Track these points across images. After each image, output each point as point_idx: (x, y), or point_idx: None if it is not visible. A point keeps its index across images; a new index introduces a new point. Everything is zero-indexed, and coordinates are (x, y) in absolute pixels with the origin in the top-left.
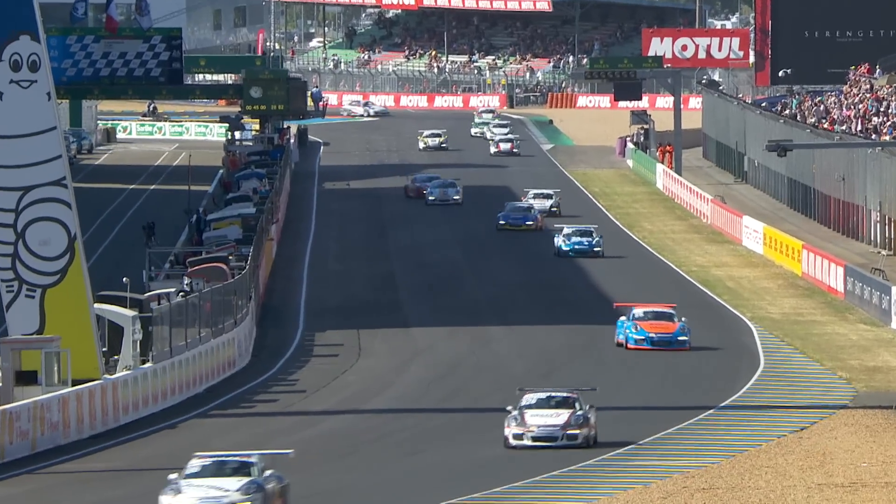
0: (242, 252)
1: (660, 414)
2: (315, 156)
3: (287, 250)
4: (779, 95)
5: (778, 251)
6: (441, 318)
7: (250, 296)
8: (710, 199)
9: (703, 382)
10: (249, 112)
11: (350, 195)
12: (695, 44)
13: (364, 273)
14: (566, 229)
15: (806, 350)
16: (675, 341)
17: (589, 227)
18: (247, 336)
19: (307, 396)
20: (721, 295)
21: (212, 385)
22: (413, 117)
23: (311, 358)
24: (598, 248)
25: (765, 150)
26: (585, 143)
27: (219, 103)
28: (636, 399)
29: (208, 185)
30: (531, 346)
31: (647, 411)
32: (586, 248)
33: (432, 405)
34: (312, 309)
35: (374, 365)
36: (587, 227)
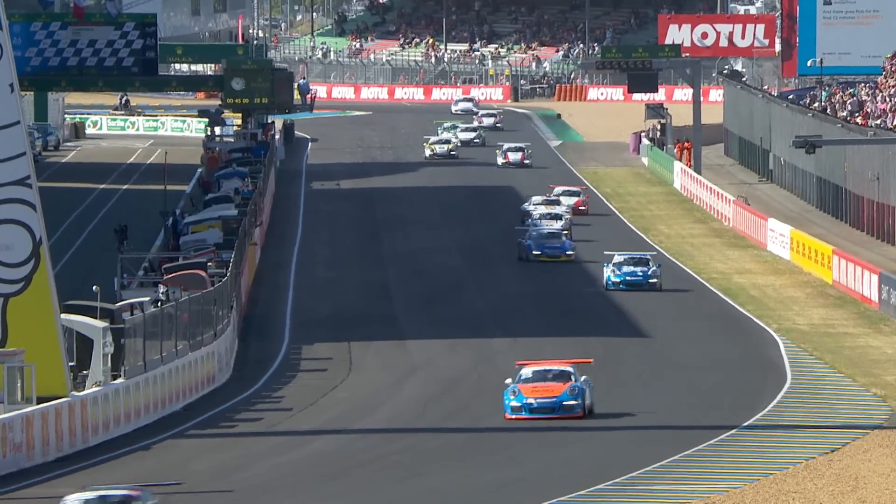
0: (223, 258)
1: (678, 434)
2: (302, 153)
3: (272, 256)
4: (807, 87)
5: (806, 257)
6: (440, 330)
7: (232, 305)
8: (732, 200)
9: (724, 400)
10: (231, 105)
11: (340, 196)
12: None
13: (356, 281)
14: (617, 257)
15: (837, 365)
16: (559, 407)
17: (645, 255)
18: (228, 349)
19: (293, 415)
20: (744, 304)
21: (190, 402)
22: (409, 111)
23: (298, 373)
24: (654, 280)
25: (792, 147)
26: (596, 140)
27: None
28: (653, 418)
29: (186, 185)
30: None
31: (664, 431)
32: (640, 279)
33: (430, 425)
34: (299, 320)
35: (367, 381)
36: (642, 255)
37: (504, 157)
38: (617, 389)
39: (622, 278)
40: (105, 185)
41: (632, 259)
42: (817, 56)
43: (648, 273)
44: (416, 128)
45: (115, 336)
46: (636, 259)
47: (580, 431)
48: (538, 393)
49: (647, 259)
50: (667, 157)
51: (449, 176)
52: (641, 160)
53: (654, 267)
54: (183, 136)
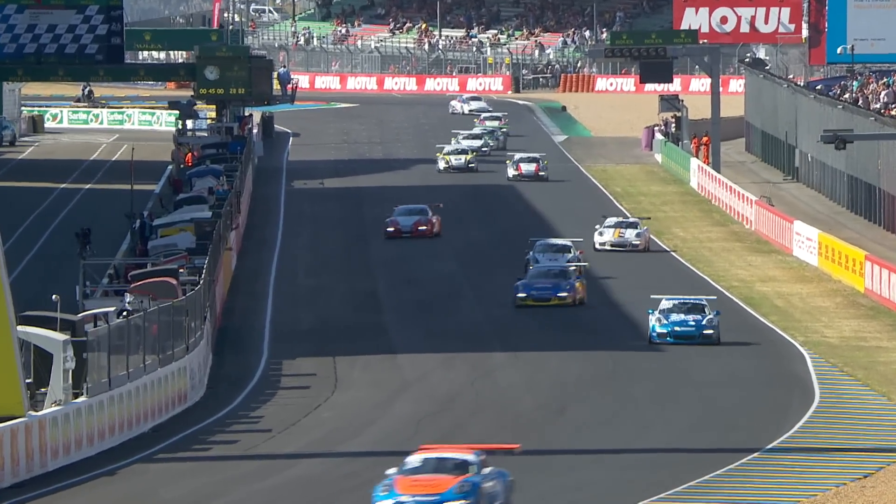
0: (196, 264)
1: (696, 457)
2: (283, 149)
3: (249, 262)
4: (837, 76)
5: (836, 263)
6: (434, 343)
7: (205, 316)
8: (754, 201)
9: (746, 420)
10: (204, 97)
11: (325, 196)
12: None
13: (341, 289)
14: (664, 302)
15: (870, 381)
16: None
17: (700, 300)
18: (201, 364)
19: (273, 436)
20: (768, 315)
21: (159, 423)
22: (400, 103)
23: (278, 391)
24: (710, 331)
25: (820, 142)
26: (605, 135)
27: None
28: (669, 439)
29: (155, 184)
30: (542, 377)
31: (681, 454)
32: (693, 331)
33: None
34: (279, 332)
35: (354, 399)
36: (697, 301)
37: (516, 168)
38: (627, 408)
39: (669, 328)
40: (66, 185)
41: (684, 305)
42: (848, 42)
43: (703, 322)
44: (408, 122)
45: (77, 350)
46: (690, 305)
47: (587, 455)
48: (417, 489)
49: (703, 305)
50: (682, 154)
51: (444, 173)
52: (655, 157)
53: (710, 315)
54: (151, 131)
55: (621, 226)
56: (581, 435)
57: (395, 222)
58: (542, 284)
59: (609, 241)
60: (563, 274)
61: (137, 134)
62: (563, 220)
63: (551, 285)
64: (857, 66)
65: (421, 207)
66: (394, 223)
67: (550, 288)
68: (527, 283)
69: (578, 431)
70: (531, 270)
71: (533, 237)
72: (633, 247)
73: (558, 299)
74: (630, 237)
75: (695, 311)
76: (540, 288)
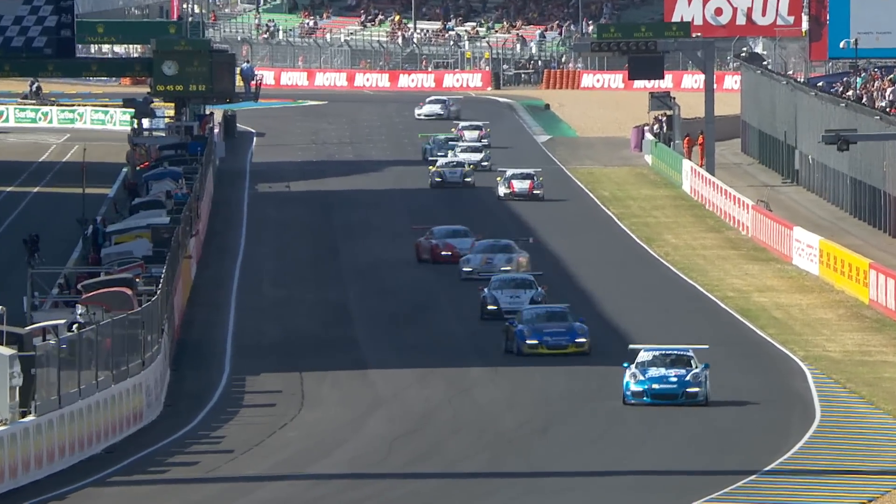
0: (153, 273)
1: (689, 480)
2: (246, 150)
3: (210, 271)
4: (840, 73)
5: (838, 272)
6: (408, 357)
7: (163, 329)
8: (751, 206)
9: (743, 440)
10: (161, 94)
11: (291, 200)
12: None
13: (309, 300)
14: (643, 354)
15: (874, 399)
16: None
17: (686, 351)
18: (158, 381)
19: (235, 458)
20: (765, 328)
21: (113, 443)
22: (371, 101)
23: (241, 409)
24: (695, 389)
25: (821, 143)
26: (592, 135)
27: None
28: (659, 461)
29: (108, 188)
30: (524, 394)
31: (672, 477)
32: (674, 389)
33: (397, 469)
34: (242, 346)
35: (322, 418)
36: (682, 352)
37: (507, 186)
38: (616, 428)
39: (646, 386)
40: (12, 188)
41: (665, 357)
42: (851, 36)
43: (687, 378)
44: (380, 121)
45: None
46: (674, 356)
47: (572, 477)
48: None
49: (689, 357)
50: (674, 155)
51: (418, 176)
52: (644, 158)
53: (696, 369)
54: (105, 130)
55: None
56: (566, 456)
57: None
58: (555, 329)
59: None
60: (565, 316)
61: (89, 134)
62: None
63: (565, 330)
64: (861, 61)
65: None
66: None
67: (566, 333)
68: (534, 328)
69: (563, 452)
70: (494, 280)
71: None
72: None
73: (576, 347)
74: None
75: (678, 365)
76: (554, 334)
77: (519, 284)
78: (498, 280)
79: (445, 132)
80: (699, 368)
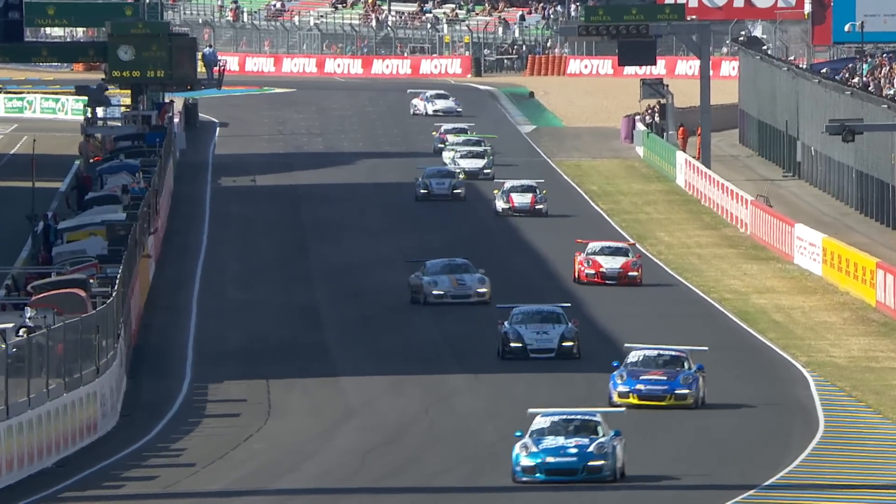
0: (108, 273)
1: (683, 495)
2: (208, 141)
3: (170, 271)
4: (845, 58)
5: (843, 272)
6: (382, 364)
7: (119, 334)
8: (749, 201)
9: (741, 452)
10: (117, 80)
11: (257, 195)
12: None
13: (276, 303)
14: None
15: (882, 408)
16: None
17: (593, 416)
18: (114, 389)
19: (197, 472)
20: (765, 332)
21: (65, 456)
22: (343, 88)
23: (203, 419)
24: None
25: (825, 134)
26: (579, 125)
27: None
28: (652, 468)
29: (60, 181)
30: (505, 403)
31: (666, 491)
32: (573, 462)
33: (371, 484)
34: (204, 352)
35: (290, 428)
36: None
37: (506, 199)
38: None
39: (539, 460)
40: None
41: (567, 423)
42: (857, 19)
43: (589, 450)
44: (352, 110)
45: None
46: (576, 423)
47: (557, 492)
48: None
49: (596, 423)
50: (667, 147)
51: (393, 170)
52: (636, 150)
53: (603, 437)
54: (56, 120)
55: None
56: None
57: None
58: (655, 377)
59: None
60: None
61: (39, 123)
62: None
63: (666, 377)
64: (868, 45)
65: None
66: None
67: (666, 382)
68: (630, 372)
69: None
70: (515, 312)
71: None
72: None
73: (676, 399)
74: None
75: (582, 432)
76: (653, 381)
77: (546, 318)
78: (520, 313)
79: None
80: (607, 437)
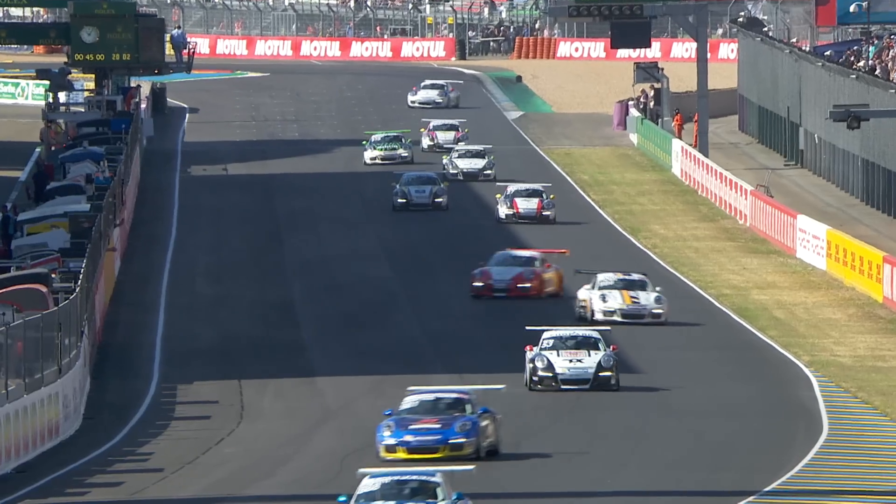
0: (71, 268)
1: (680, 502)
2: (177, 128)
3: (137, 266)
4: (850, 40)
5: (848, 266)
6: (361, 363)
7: (82, 331)
8: (749, 191)
9: (740, 457)
10: (80, 63)
11: (228, 185)
12: None
13: (249, 298)
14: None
15: (889, 410)
16: None
17: (432, 479)
18: (77, 390)
19: (166, 477)
20: (766, 329)
21: (25, 461)
22: (320, 72)
23: (172, 422)
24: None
25: (829, 120)
26: (569, 110)
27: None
28: (646, 481)
29: (20, 170)
30: (492, 405)
31: (661, 498)
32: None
33: (348, 491)
34: (173, 350)
35: (264, 431)
36: (427, 479)
37: (509, 205)
38: (598, 442)
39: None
40: None
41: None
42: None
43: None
44: (330, 95)
45: None
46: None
47: (547, 499)
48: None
49: (435, 485)
50: (663, 134)
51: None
52: (629, 138)
53: (469, 413)
54: (15, 105)
55: None
56: (540, 475)
57: (488, 275)
58: (426, 426)
59: None
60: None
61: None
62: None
63: (441, 424)
64: (875, 27)
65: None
66: (485, 276)
67: (439, 431)
68: (398, 421)
69: (536, 471)
70: (546, 337)
71: None
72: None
73: (452, 450)
74: None
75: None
76: (423, 432)
77: (581, 343)
78: (552, 338)
79: (400, 128)
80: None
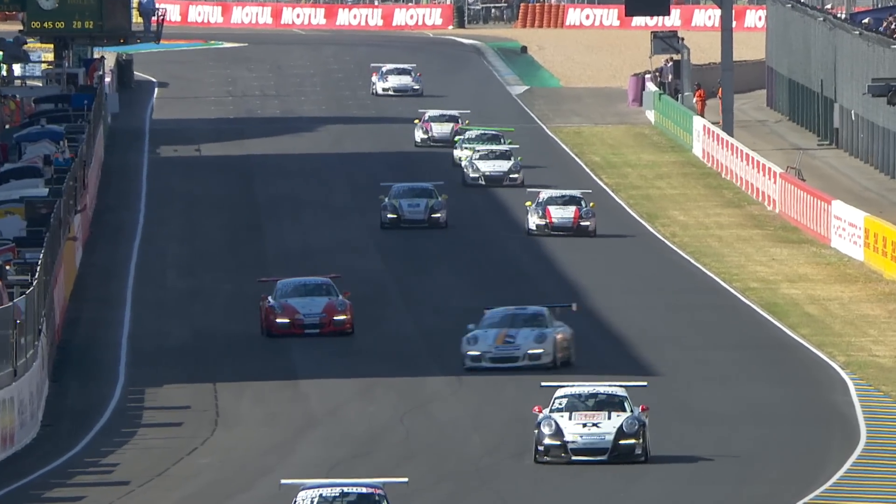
0: (27, 259)
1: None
2: (145, 104)
3: (100, 257)
4: (890, 6)
5: (889, 257)
6: (349, 365)
7: (40, 329)
8: (779, 174)
9: (768, 468)
10: (37, 32)
11: (202, 167)
12: None
13: (225, 293)
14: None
15: None
16: None
17: (616, 393)
18: (34, 394)
19: (132, 491)
20: (797, 327)
21: None
22: (303, 42)
23: (139, 429)
24: None
25: (867, 95)
26: (579, 85)
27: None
28: (665, 494)
29: None
30: (492, 409)
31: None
32: None
33: None
34: (141, 351)
35: (242, 440)
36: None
37: (542, 215)
38: None
39: None
40: None
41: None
42: None
43: None
44: (314, 67)
45: None
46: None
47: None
48: None
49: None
50: (683, 111)
51: (361, 137)
52: (646, 115)
53: None
54: None
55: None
56: (545, 488)
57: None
58: None
59: None
60: None
61: None
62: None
63: None
64: None
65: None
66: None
67: None
68: None
69: (542, 483)
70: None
71: None
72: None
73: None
74: None
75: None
76: None
77: (601, 403)
78: (565, 396)
79: None
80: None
